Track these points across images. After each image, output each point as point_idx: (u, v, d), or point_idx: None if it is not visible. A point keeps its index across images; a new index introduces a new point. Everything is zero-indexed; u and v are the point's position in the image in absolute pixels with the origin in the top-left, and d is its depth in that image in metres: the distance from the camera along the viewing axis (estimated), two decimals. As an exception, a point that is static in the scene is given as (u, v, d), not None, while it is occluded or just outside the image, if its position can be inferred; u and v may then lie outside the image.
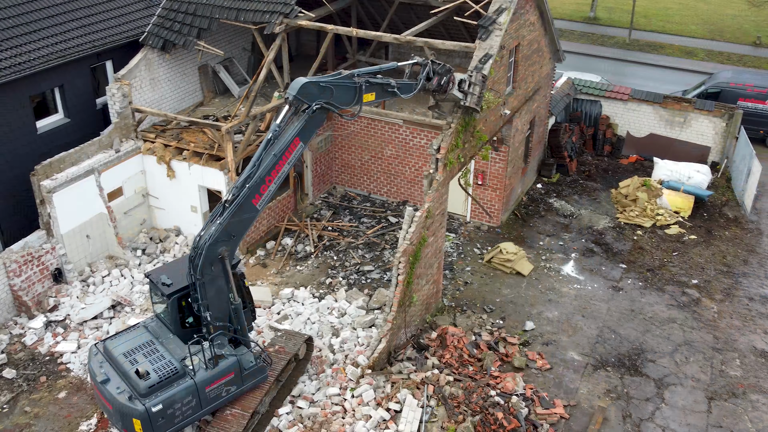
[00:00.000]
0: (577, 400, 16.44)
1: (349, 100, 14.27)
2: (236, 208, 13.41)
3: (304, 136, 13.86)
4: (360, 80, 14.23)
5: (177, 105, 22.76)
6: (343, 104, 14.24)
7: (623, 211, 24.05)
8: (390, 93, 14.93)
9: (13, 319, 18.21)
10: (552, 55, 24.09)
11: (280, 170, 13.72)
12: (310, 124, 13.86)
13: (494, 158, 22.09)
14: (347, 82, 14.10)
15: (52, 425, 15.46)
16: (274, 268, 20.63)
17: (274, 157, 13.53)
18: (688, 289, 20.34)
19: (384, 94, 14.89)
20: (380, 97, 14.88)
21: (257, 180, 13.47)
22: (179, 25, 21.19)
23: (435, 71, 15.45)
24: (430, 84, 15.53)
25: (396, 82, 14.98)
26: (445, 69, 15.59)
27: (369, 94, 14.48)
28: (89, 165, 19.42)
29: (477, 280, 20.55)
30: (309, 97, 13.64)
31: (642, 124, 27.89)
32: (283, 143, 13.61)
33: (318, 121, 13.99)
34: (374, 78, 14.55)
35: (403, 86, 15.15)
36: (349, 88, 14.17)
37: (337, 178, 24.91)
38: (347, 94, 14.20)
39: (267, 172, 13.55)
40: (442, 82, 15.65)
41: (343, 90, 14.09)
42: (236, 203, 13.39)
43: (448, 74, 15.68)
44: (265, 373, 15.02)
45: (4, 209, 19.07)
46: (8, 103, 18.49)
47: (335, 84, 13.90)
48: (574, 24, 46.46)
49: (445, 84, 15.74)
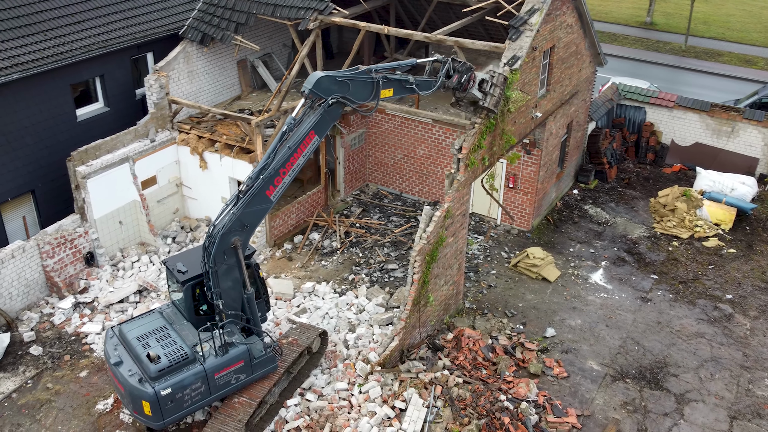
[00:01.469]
0: (592, 410, 16.06)
1: (366, 95, 14.30)
2: (250, 198, 13.60)
3: (320, 130, 13.95)
4: (377, 76, 14.25)
5: (215, 98, 23.20)
6: (360, 99, 14.28)
7: (660, 221, 23.37)
8: (408, 89, 14.90)
9: (45, 299, 18.88)
10: (592, 58, 23.61)
11: (295, 163, 13.85)
12: (326, 118, 13.94)
13: (526, 161, 21.78)
14: (364, 78, 14.14)
15: (71, 402, 15.96)
16: (299, 262, 20.82)
17: (288, 149, 13.67)
18: (721, 304, 19.64)
19: (402, 91, 14.86)
20: (398, 93, 14.86)
21: (271, 172, 13.63)
22: (218, 20, 21.60)
23: (455, 69, 15.34)
24: (450, 82, 15.42)
25: (415, 78, 14.94)
26: (465, 67, 15.46)
27: (387, 90, 14.49)
28: (124, 153, 19.98)
29: (501, 283, 20.30)
30: (325, 91, 13.73)
31: (687, 133, 27.05)
32: (299, 136, 13.74)
33: (334, 115, 14.07)
34: (392, 74, 14.54)
35: (422, 83, 15.09)
36: (366, 83, 14.20)
37: (371, 176, 24.98)
38: (364, 89, 14.23)
39: (281, 164, 13.69)
40: (462, 80, 15.52)
41: (360, 85, 14.13)
42: (250, 194, 13.58)
43: (469, 72, 15.55)
44: (275, 363, 15.18)
45: (44, 193, 19.80)
46: (49, 90, 19.18)
47: (352, 79, 13.95)
48: (628, 29, 45.42)
49: (465, 82, 15.61)
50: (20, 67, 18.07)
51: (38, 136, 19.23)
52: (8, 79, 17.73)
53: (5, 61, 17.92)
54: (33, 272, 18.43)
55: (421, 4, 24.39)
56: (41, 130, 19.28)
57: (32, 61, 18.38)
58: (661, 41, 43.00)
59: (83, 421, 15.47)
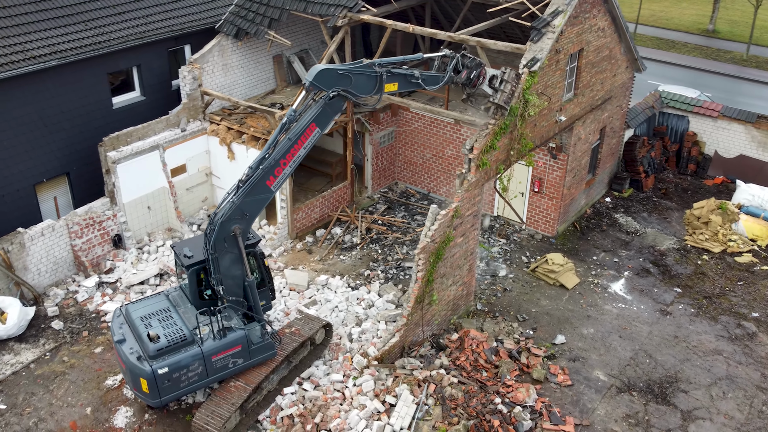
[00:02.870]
0: (591, 420, 15.75)
1: (369, 89, 14.43)
2: (250, 187, 13.92)
3: (321, 123, 14.16)
4: (380, 70, 14.35)
5: (249, 91, 23.75)
6: (363, 93, 14.40)
7: (692, 234, 22.65)
8: (414, 84, 14.96)
9: (72, 277, 19.74)
10: (629, 64, 23.07)
11: (296, 154, 14.09)
12: (327, 111, 14.14)
13: (552, 166, 21.48)
14: (367, 71, 14.26)
15: (83, 376, 16.67)
16: (318, 255, 21.11)
17: (288, 141, 13.93)
18: (745, 322, 18.92)
19: (407, 85, 14.93)
20: (403, 88, 14.93)
21: (271, 162, 13.92)
22: (253, 15, 22.12)
23: (465, 65, 15.32)
24: (459, 77, 15.41)
25: (421, 73, 14.98)
26: (475, 63, 15.44)
27: (391, 84, 14.59)
28: (155, 141, 20.69)
29: (517, 287, 20.09)
30: (326, 83, 13.90)
31: (732, 144, 26.10)
32: (299, 128, 13.98)
33: (335, 108, 14.24)
34: (396, 68, 14.62)
35: (428, 78, 15.12)
36: (369, 77, 14.32)
37: (400, 174, 25.09)
38: (367, 82, 14.36)
39: (282, 155, 13.97)
40: (472, 75, 15.49)
41: (363, 78, 14.26)
42: (249, 183, 13.90)
43: (478, 68, 15.51)
44: (274, 350, 15.48)
45: (78, 176, 20.69)
46: (86, 78, 20.04)
47: (353, 72, 14.09)
48: (689, 36, 44.06)
49: (475, 78, 15.57)
50: (58, 54, 18.96)
51: (74, 121, 20.12)
52: (46, 66, 18.62)
53: (44, 48, 18.83)
54: (62, 251, 19.31)
55: (458, 4, 24.34)
56: (77, 116, 20.16)
57: (70, 50, 19.26)
58: (722, 50, 41.55)
59: (92, 395, 16.14)
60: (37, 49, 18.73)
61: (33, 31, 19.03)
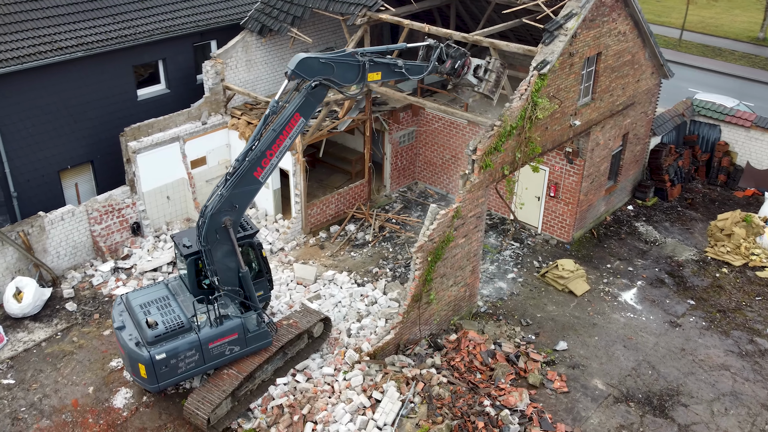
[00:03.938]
0: (584, 429, 15.53)
1: (352, 78, 14.57)
2: (238, 179, 14.19)
3: (305, 112, 14.33)
4: (363, 59, 14.46)
5: (272, 87, 24.16)
6: (346, 82, 14.54)
7: (714, 246, 22.05)
8: (398, 73, 15.05)
9: (90, 261, 20.45)
10: (655, 69, 22.60)
11: (281, 144, 14.30)
12: (310, 101, 14.30)
13: (568, 170, 21.22)
14: (349, 60, 14.38)
15: (90, 357, 17.28)
16: (330, 251, 21.34)
17: (273, 131, 14.16)
18: (758, 338, 18.35)
19: (391, 75, 15.02)
20: (387, 77, 15.05)
21: (257, 153, 14.15)
22: (277, 12, 22.50)
23: (449, 54, 15.35)
24: (443, 67, 15.45)
25: (405, 63, 15.05)
26: (459, 53, 15.47)
27: (374, 73, 14.71)
28: (175, 132, 21.26)
29: (525, 292, 19.92)
30: (308, 72, 14.02)
31: (765, 155, 25.29)
32: (283, 118, 14.19)
33: (318, 97, 14.40)
34: (379, 57, 14.72)
35: (412, 68, 15.19)
36: (351, 65, 14.44)
37: (419, 174, 25.14)
38: (350, 71, 14.47)
39: (267, 146, 14.19)
40: (456, 65, 15.51)
41: (345, 67, 14.38)
42: (237, 175, 14.17)
43: (463, 58, 15.54)
44: (269, 339, 15.75)
45: (102, 165, 21.43)
46: (112, 70, 20.72)
47: (336, 61, 14.22)
48: (738, 44, 42.76)
49: (459, 68, 15.58)
50: (85, 46, 19.67)
51: (99, 111, 20.84)
52: (72, 57, 19.35)
53: (71, 40, 19.56)
54: (81, 236, 20.01)
55: (482, 5, 24.23)
56: (103, 106, 20.87)
57: (96, 42, 19.96)
58: (772, 59, 40.24)
59: (96, 375, 16.72)
60: (65, 40, 19.47)
61: (61, 24, 19.78)
